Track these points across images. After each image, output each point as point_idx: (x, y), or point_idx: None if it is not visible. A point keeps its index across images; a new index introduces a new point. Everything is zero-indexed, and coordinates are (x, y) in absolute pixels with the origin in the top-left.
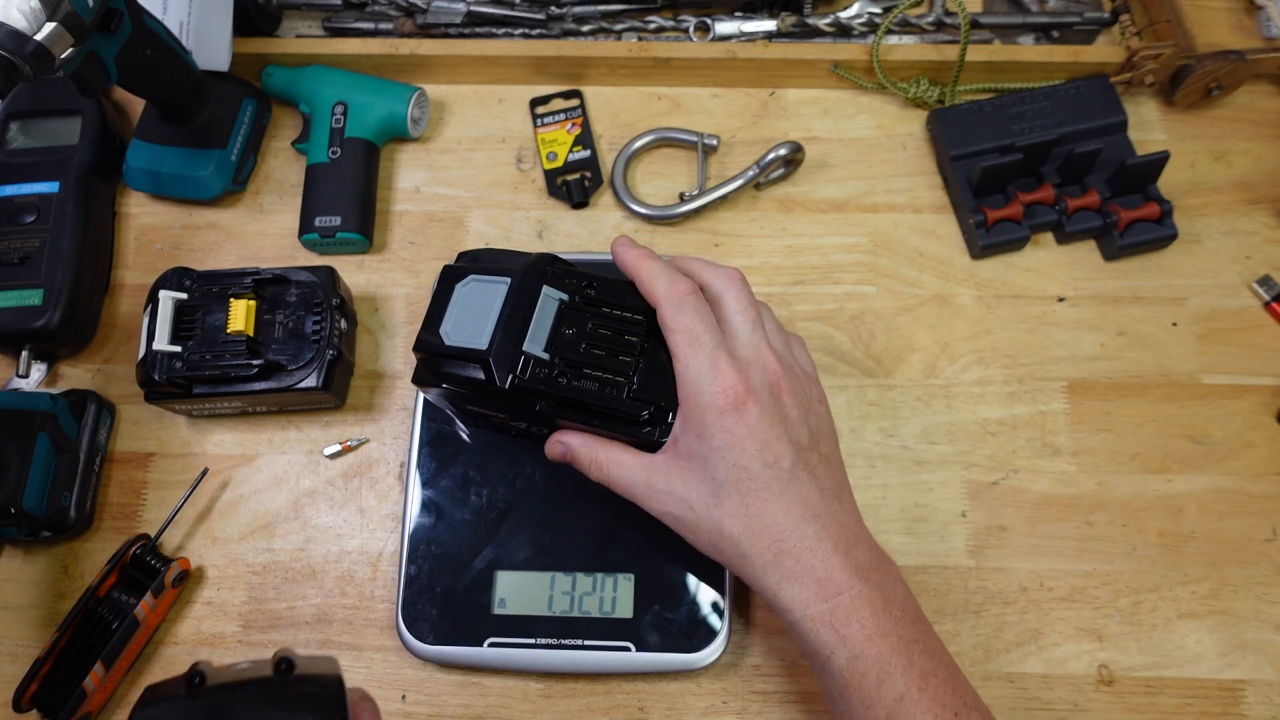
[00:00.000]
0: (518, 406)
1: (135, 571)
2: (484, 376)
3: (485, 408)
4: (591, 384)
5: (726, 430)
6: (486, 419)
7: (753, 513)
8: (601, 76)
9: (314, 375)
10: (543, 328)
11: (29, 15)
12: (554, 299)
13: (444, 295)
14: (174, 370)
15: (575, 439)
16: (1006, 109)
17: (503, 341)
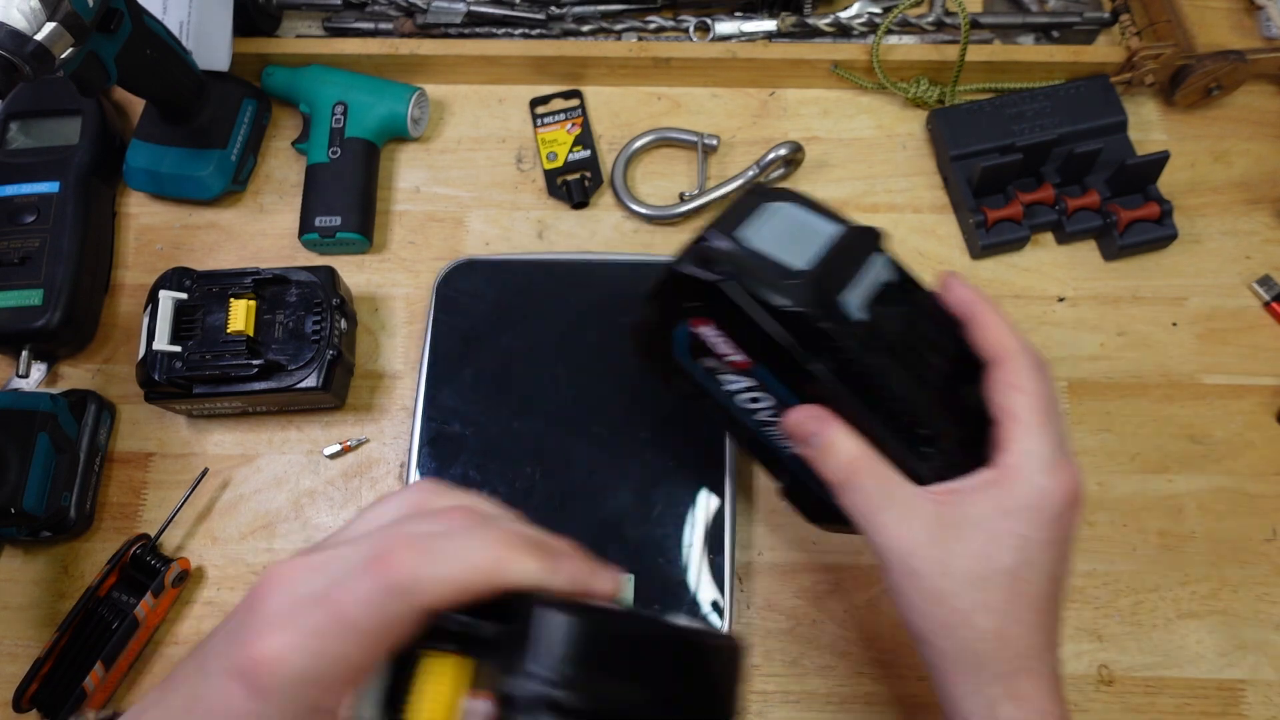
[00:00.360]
0: (784, 358)
1: (135, 571)
2: (786, 300)
3: (734, 345)
4: (904, 372)
5: (1043, 524)
6: (699, 371)
7: (1015, 618)
8: (601, 76)
9: (314, 375)
10: (863, 290)
11: (29, 15)
12: (884, 270)
13: (748, 207)
14: (174, 370)
15: (838, 424)
16: (1006, 109)
17: (822, 276)
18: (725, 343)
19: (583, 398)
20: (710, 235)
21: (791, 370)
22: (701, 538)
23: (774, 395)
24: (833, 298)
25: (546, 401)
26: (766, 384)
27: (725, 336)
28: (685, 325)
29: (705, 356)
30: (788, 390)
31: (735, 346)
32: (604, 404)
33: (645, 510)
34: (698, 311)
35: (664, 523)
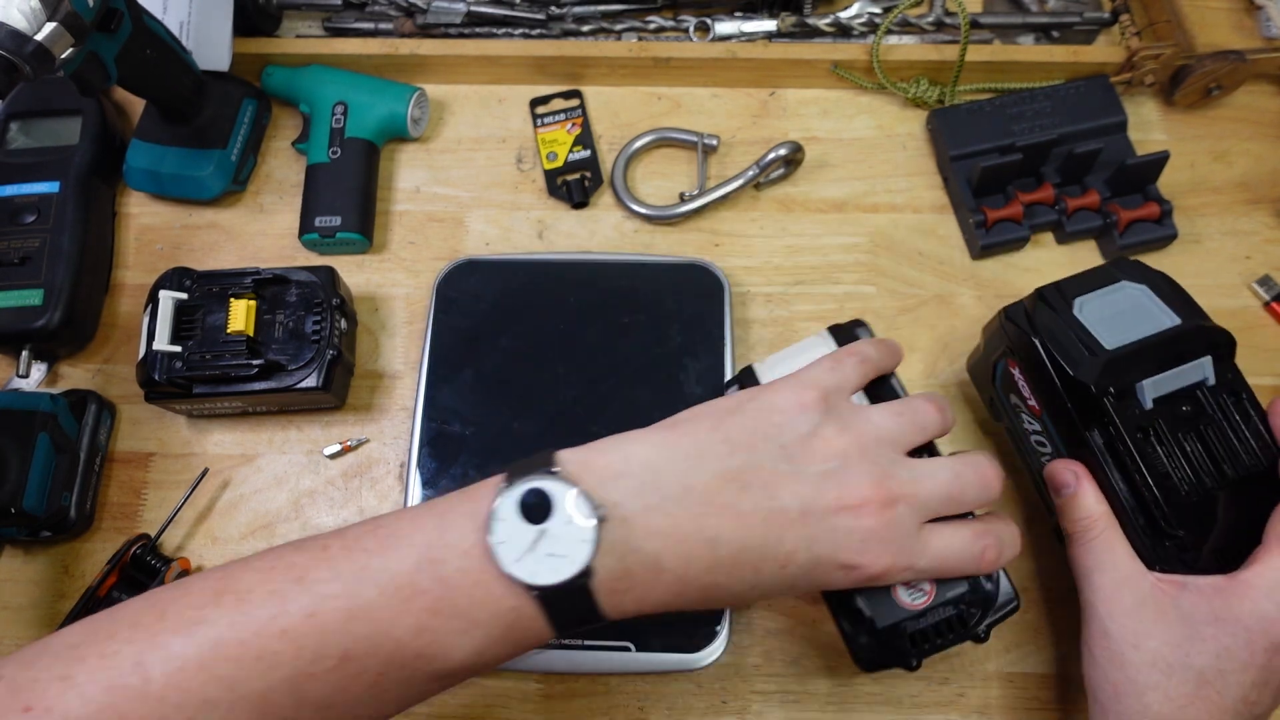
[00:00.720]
0: (1066, 418)
1: (135, 571)
2: (1073, 371)
3: (1032, 391)
4: (1169, 465)
5: (1254, 648)
6: (1007, 404)
7: (1190, 716)
8: (601, 76)
9: (314, 375)
10: (1166, 384)
11: (29, 15)
12: (1199, 372)
13: (1104, 278)
14: (174, 370)
15: (1090, 482)
16: (1006, 109)
17: (1121, 359)
18: (1026, 386)
19: (583, 398)
20: (1048, 293)
21: (1070, 431)
22: None
23: (1054, 446)
24: (1125, 381)
25: (546, 401)
26: (1050, 433)
27: (1027, 382)
28: (1004, 361)
29: (1012, 393)
30: (1065, 446)
31: (1033, 392)
32: (604, 404)
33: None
34: (1012, 354)
35: None
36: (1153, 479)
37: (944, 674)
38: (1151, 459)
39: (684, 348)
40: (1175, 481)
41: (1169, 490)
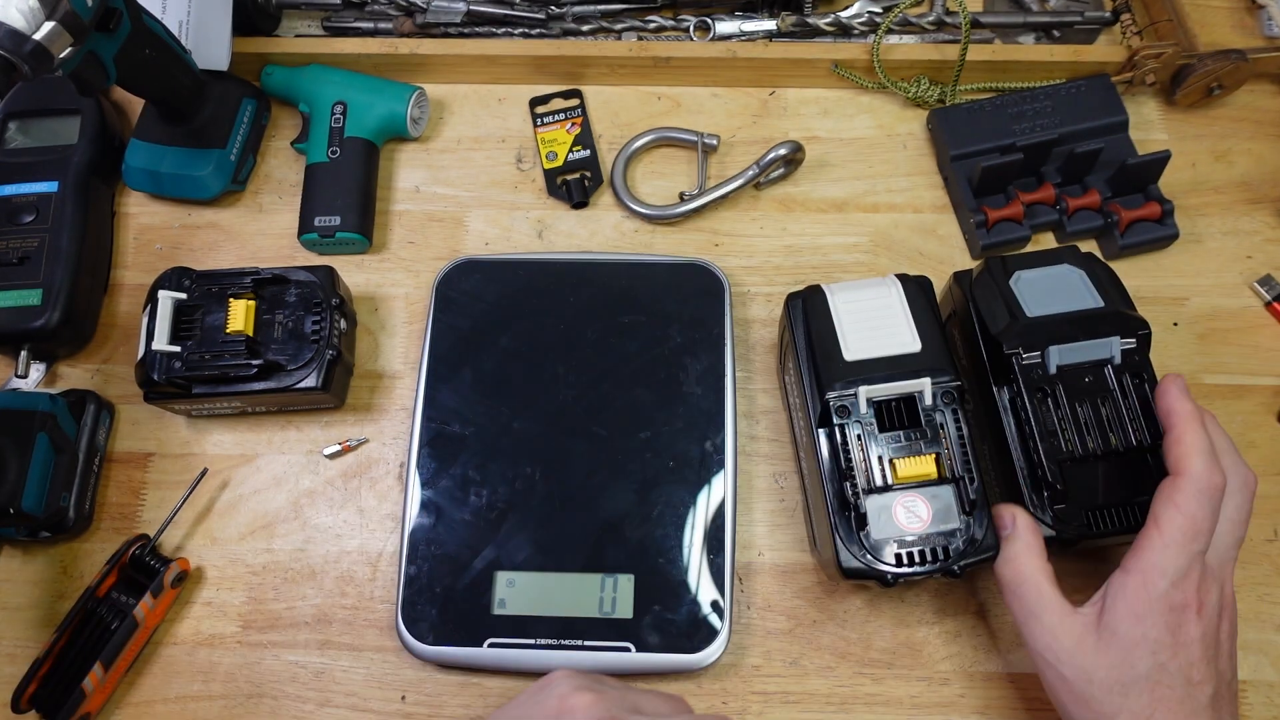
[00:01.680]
0: (982, 372)
1: (134, 572)
2: (993, 329)
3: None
4: (1059, 425)
5: (1169, 629)
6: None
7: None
8: (601, 76)
9: (313, 375)
10: (1072, 355)
11: (27, 14)
12: (1110, 351)
13: (1053, 258)
14: (173, 370)
15: (1026, 522)
16: (1007, 109)
17: (1036, 327)
18: (961, 347)
19: (583, 398)
20: (993, 263)
21: (983, 387)
22: (701, 538)
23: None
24: (1035, 345)
25: (546, 401)
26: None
27: (961, 342)
28: (948, 324)
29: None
30: (980, 402)
31: (964, 353)
32: (604, 404)
33: (645, 510)
34: (954, 315)
35: (664, 523)
36: (1039, 434)
37: (944, 674)
38: (1043, 416)
39: (684, 348)
40: (1061, 441)
41: (1053, 447)
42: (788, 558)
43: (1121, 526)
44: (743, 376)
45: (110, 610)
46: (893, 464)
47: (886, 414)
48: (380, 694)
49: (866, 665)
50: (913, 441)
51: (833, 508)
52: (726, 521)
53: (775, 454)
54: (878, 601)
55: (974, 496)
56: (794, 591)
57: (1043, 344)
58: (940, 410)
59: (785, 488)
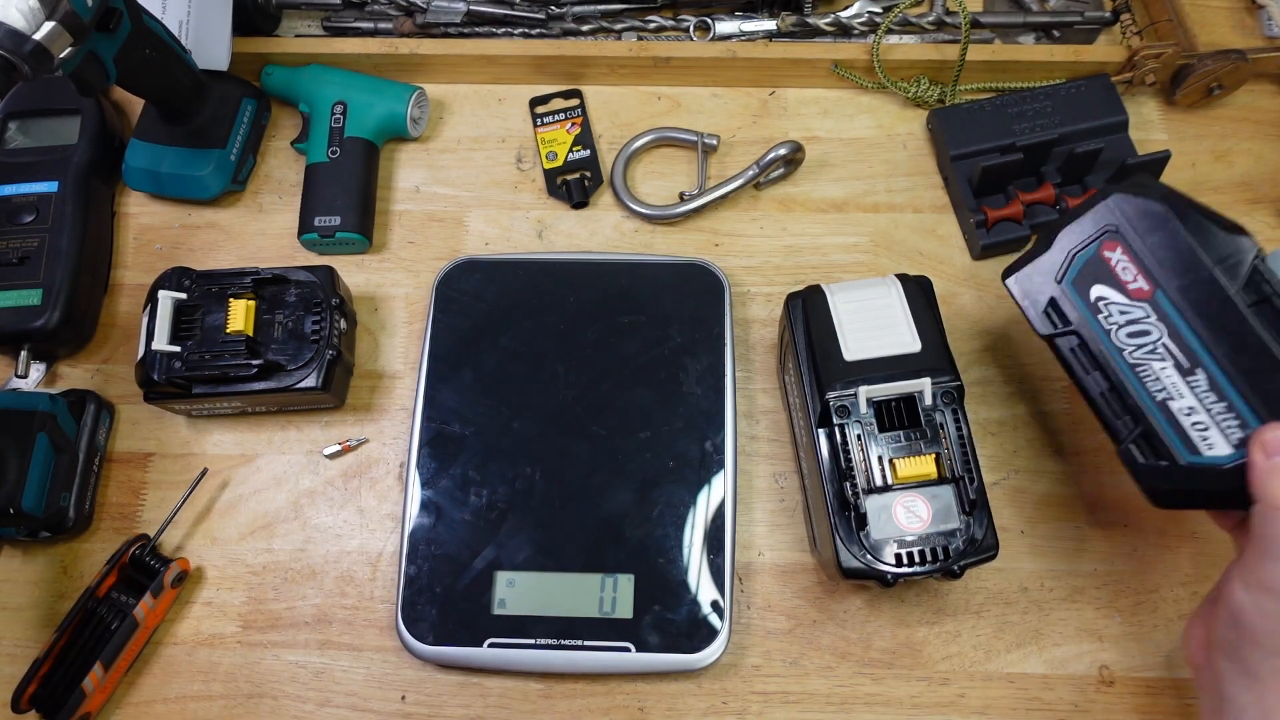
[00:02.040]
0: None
1: (134, 572)
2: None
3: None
4: (863, 456)
5: None
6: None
7: None
8: (601, 76)
9: (313, 375)
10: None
11: (28, 14)
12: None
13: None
14: (173, 370)
15: None
16: (1007, 109)
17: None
18: (1132, 267)
19: (583, 398)
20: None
21: (1207, 297)
22: (701, 538)
23: (1167, 329)
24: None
25: (546, 401)
26: (1164, 315)
27: (1134, 261)
28: (1096, 247)
29: (1100, 283)
30: (1190, 326)
31: (1142, 272)
32: (604, 404)
33: (645, 510)
34: (1115, 234)
35: (664, 523)
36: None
37: (944, 674)
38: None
39: (684, 348)
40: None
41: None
42: (788, 558)
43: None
44: (743, 376)
45: (110, 610)
46: (893, 464)
47: (886, 414)
48: (380, 694)
49: (866, 665)
50: (913, 441)
51: (833, 508)
52: (726, 521)
53: (775, 454)
54: (878, 601)
55: (974, 496)
56: (794, 591)
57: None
58: (940, 410)
59: (785, 488)
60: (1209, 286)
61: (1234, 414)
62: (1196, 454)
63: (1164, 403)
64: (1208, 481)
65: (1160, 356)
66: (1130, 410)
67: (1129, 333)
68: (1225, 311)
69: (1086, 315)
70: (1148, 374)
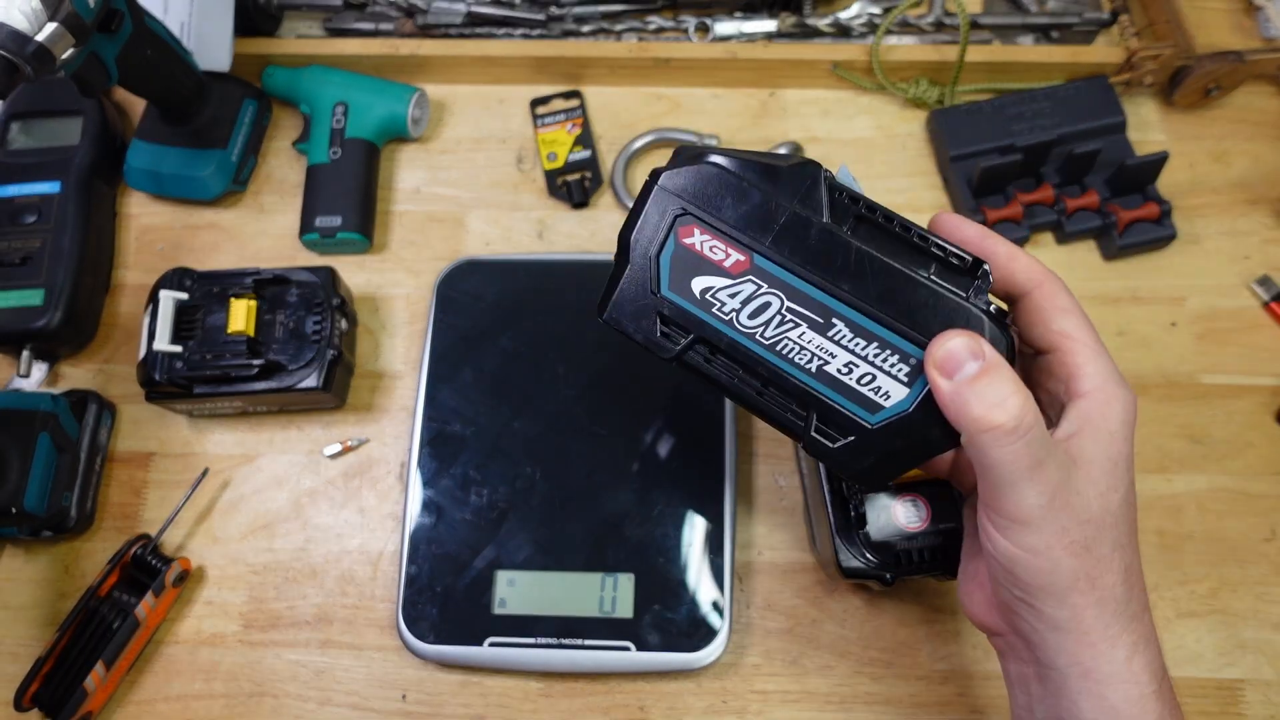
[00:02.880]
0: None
1: (136, 571)
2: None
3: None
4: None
5: (1129, 439)
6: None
7: (1135, 550)
8: (601, 77)
9: (314, 375)
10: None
11: (30, 16)
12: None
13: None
14: (174, 370)
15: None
16: (1006, 109)
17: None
18: (718, 243)
19: (583, 398)
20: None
21: (803, 240)
22: (701, 537)
23: (778, 289)
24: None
25: (546, 401)
26: (772, 278)
27: (715, 235)
28: (673, 243)
29: (697, 275)
30: (802, 278)
31: (729, 243)
32: (604, 404)
33: (645, 510)
34: (684, 218)
35: (664, 523)
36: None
37: (944, 673)
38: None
39: None
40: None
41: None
42: (788, 557)
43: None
44: None
45: (112, 609)
46: None
47: None
48: (381, 693)
49: (866, 664)
50: None
51: (832, 507)
52: (726, 521)
53: (775, 454)
54: (878, 601)
55: None
56: (794, 591)
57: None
58: None
59: (785, 488)
60: (799, 229)
61: (891, 350)
62: (880, 410)
63: (821, 370)
64: (904, 434)
65: (791, 323)
66: (794, 395)
67: (749, 314)
68: (828, 247)
69: (700, 315)
70: (789, 349)
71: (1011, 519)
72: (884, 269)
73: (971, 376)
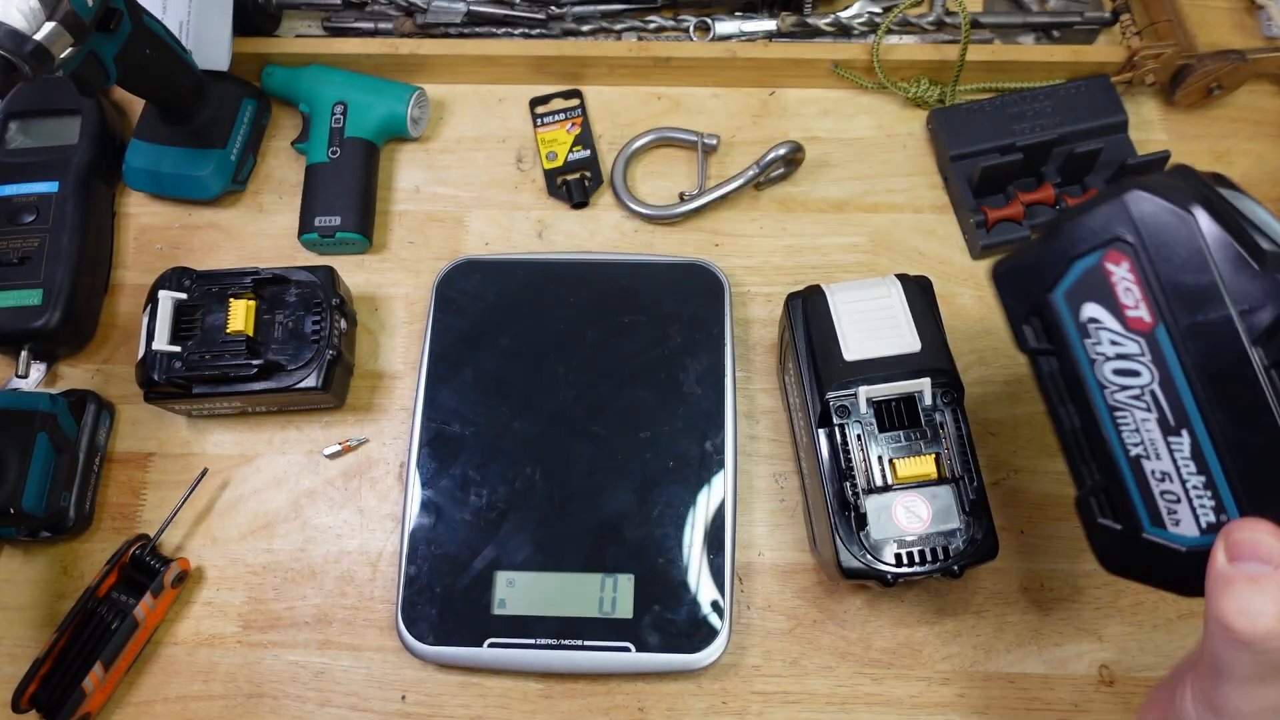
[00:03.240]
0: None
1: (134, 572)
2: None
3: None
4: (861, 456)
5: None
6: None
7: None
8: (601, 76)
9: (313, 375)
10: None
11: (28, 15)
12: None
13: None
14: (173, 370)
15: None
16: (1007, 109)
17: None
18: (1135, 290)
19: (583, 398)
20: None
21: (1217, 347)
22: (701, 538)
23: (1159, 374)
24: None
25: (546, 401)
26: (1160, 357)
27: (1139, 282)
28: (1099, 256)
29: (1094, 302)
30: (1186, 375)
31: (1146, 298)
32: (604, 404)
33: (645, 511)
34: (1123, 245)
35: (664, 523)
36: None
37: (944, 674)
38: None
39: (684, 348)
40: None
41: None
42: (788, 558)
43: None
44: (743, 376)
45: (110, 610)
46: (892, 464)
47: (886, 414)
48: (380, 694)
49: (866, 665)
50: (912, 441)
51: (833, 508)
52: (726, 521)
53: (775, 454)
54: (878, 601)
55: (974, 496)
56: (794, 591)
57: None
58: (940, 410)
59: (785, 488)
60: (1223, 333)
61: (1211, 493)
62: (1161, 527)
63: (1137, 459)
64: (1164, 562)
65: (1145, 405)
66: (1099, 457)
67: (1116, 369)
68: (1234, 368)
69: (1073, 337)
70: (1127, 422)
71: (1210, 704)
72: (1267, 424)
73: (1248, 576)
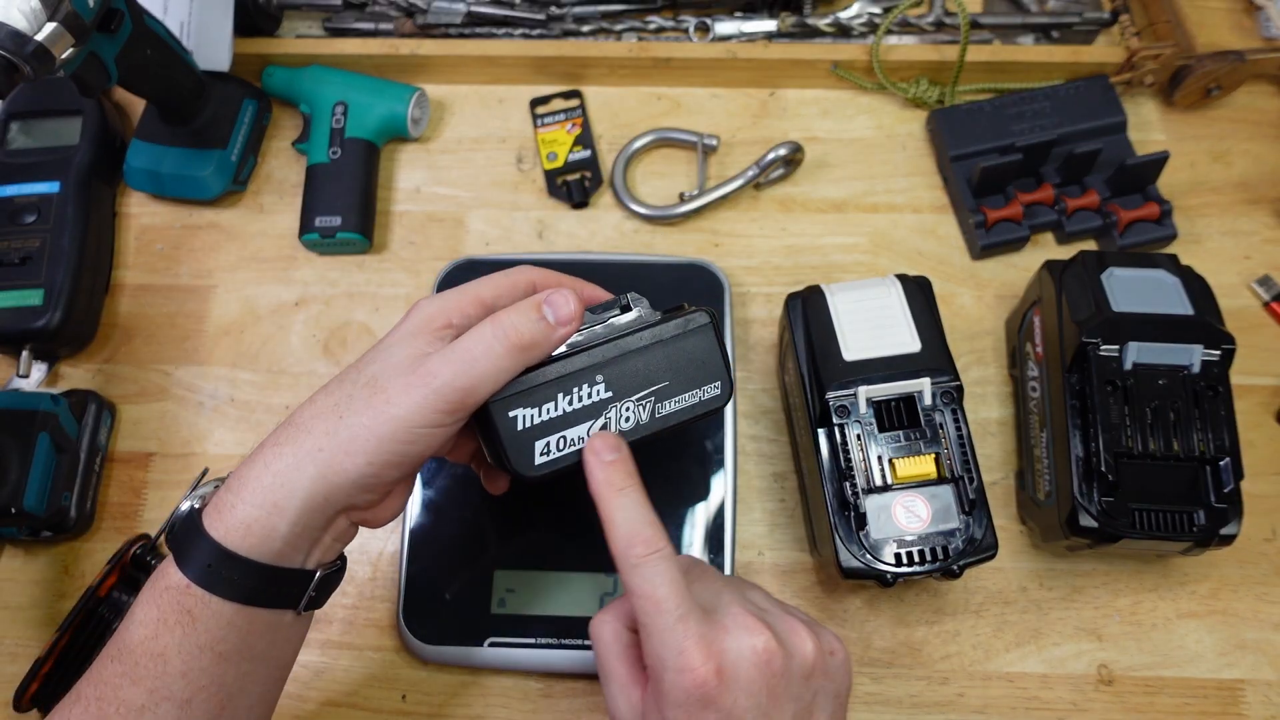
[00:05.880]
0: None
1: (136, 571)
2: (1080, 316)
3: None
4: (1124, 420)
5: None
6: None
7: None
8: (601, 76)
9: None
10: (1152, 354)
11: (29, 15)
12: (1185, 356)
13: (1141, 260)
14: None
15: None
16: (1006, 109)
17: (1121, 321)
18: (1039, 333)
19: None
20: (1086, 256)
21: (1056, 372)
22: (702, 537)
23: (1042, 390)
24: (1114, 338)
25: None
26: (1042, 377)
27: (1041, 328)
28: (1032, 309)
29: (1029, 340)
30: (1049, 388)
31: (1042, 339)
32: None
33: None
34: (1038, 302)
35: (664, 522)
36: (1102, 424)
37: (944, 674)
38: (1109, 409)
39: None
40: (1123, 435)
41: (1113, 439)
42: (788, 558)
43: (1165, 531)
44: (743, 376)
45: (112, 609)
46: (892, 464)
47: (886, 414)
48: (380, 693)
49: (866, 665)
50: (912, 441)
51: (832, 508)
52: (726, 521)
53: (775, 454)
54: (877, 601)
55: (973, 496)
56: (794, 591)
57: (1123, 339)
58: (940, 410)
59: (785, 488)
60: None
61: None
62: None
63: None
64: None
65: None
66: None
67: (1030, 385)
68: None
69: (1021, 363)
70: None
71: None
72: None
73: None
